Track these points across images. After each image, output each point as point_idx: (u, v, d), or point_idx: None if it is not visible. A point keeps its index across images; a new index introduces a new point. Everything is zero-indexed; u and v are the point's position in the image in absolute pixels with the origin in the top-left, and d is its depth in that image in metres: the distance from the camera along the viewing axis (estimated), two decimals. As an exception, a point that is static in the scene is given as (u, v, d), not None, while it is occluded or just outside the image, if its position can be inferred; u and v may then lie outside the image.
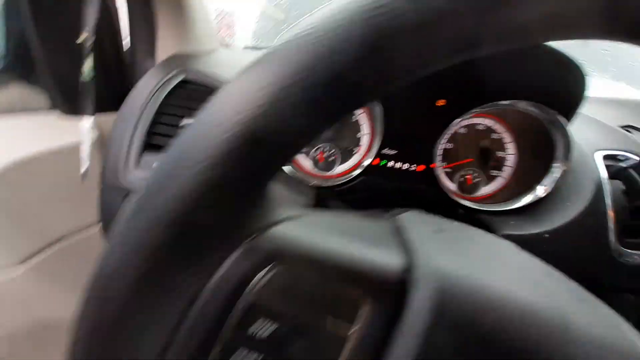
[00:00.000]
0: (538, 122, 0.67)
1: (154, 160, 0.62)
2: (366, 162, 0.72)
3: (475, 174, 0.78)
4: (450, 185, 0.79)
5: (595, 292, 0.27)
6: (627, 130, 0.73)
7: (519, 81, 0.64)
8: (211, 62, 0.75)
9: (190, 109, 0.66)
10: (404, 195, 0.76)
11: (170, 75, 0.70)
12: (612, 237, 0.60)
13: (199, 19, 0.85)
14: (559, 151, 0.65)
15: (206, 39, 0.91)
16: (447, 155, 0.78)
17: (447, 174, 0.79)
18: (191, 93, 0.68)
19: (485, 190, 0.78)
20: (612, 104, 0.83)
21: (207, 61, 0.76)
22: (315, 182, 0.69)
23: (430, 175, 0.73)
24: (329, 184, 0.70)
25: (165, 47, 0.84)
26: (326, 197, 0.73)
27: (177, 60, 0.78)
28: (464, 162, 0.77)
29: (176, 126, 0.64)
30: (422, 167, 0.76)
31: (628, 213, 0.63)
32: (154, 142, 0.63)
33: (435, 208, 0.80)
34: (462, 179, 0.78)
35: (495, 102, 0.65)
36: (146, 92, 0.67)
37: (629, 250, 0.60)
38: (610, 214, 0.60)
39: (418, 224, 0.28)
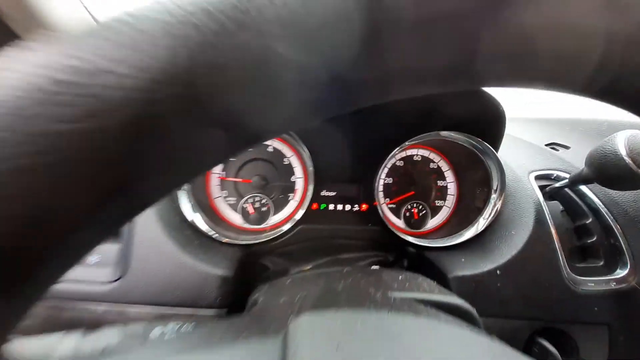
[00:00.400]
0: (471, 153, 0.66)
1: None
2: (304, 208, 0.64)
3: (420, 207, 0.74)
4: (397, 222, 0.74)
5: (559, 327, 0.22)
6: (553, 148, 0.75)
7: (444, 112, 0.63)
8: None
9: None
10: (348, 239, 0.69)
11: None
12: (562, 263, 0.56)
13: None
14: (494, 181, 0.63)
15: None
16: (388, 191, 0.74)
17: (391, 210, 0.74)
18: None
19: (433, 222, 0.74)
20: (535, 123, 0.86)
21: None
22: (244, 239, 0.60)
23: (374, 214, 0.67)
24: (263, 239, 0.61)
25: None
26: (260, 255, 0.64)
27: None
28: (407, 195, 0.73)
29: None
30: (365, 207, 0.70)
31: (573, 234, 0.61)
32: None
33: (383, 249, 0.75)
34: (407, 213, 0.74)
35: (425, 134, 0.63)
36: None
37: (582, 278, 0.56)
38: (555, 237, 0.58)
39: (310, 342, 0.20)
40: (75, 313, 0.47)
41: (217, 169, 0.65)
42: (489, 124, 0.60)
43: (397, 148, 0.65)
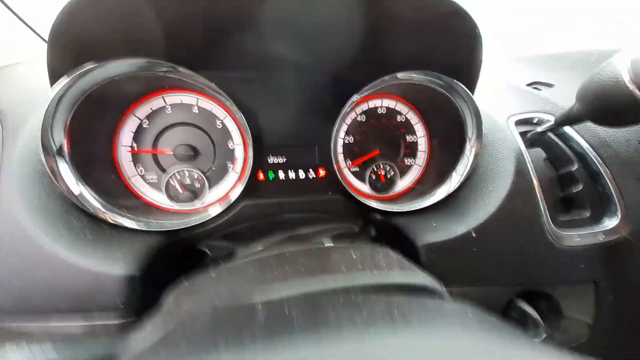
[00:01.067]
0: (441, 97, 0.55)
1: None
2: (244, 180, 0.52)
3: (388, 168, 0.63)
4: (362, 187, 0.63)
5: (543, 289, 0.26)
6: (535, 88, 0.65)
7: (409, 49, 0.51)
8: None
9: None
10: (305, 211, 0.58)
11: None
12: (545, 218, 0.49)
13: None
14: (470, 131, 0.53)
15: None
16: (350, 153, 0.63)
17: (355, 174, 0.63)
18: None
19: (402, 184, 0.64)
20: (514, 62, 0.75)
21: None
22: (169, 225, 0.48)
23: (334, 181, 0.56)
24: (194, 222, 0.49)
25: None
26: (194, 240, 0.52)
27: None
28: (371, 155, 0.62)
29: None
30: (323, 172, 0.59)
31: (556, 184, 0.53)
32: None
33: (346, 219, 0.65)
34: (373, 176, 0.63)
35: (386, 77, 0.51)
36: None
37: (565, 232, 0.49)
38: (537, 188, 0.50)
39: None
40: None
41: (126, 141, 0.51)
42: (463, 55, 0.48)
43: (354, 96, 0.52)
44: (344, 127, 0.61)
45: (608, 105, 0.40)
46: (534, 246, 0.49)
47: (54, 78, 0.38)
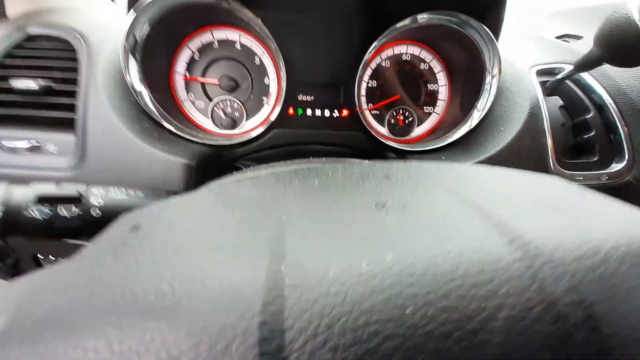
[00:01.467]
0: (463, 39, 0.58)
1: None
2: (276, 113, 0.60)
3: (407, 113, 0.68)
4: (381, 129, 0.69)
5: None
6: (565, 40, 0.65)
7: None
8: (68, 15, 0.60)
9: (33, 68, 0.52)
10: (327, 144, 0.65)
11: (11, 30, 0.55)
12: (550, 158, 0.52)
13: None
14: (489, 63, 0.56)
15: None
16: (372, 96, 0.68)
17: (375, 116, 0.69)
18: (35, 49, 0.53)
19: (419, 130, 0.69)
20: (545, 17, 0.75)
21: (64, 14, 0.60)
22: (215, 140, 0.57)
23: (356, 121, 0.63)
24: (232, 141, 0.58)
25: (17, 6, 0.66)
26: (233, 158, 0.62)
27: (27, 17, 0.62)
28: (392, 100, 0.67)
29: (12, 91, 0.49)
30: (346, 112, 0.65)
31: (569, 131, 0.56)
32: None
33: (363, 156, 0.71)
34: (392, 120, 0.68)
35: (395, 26, 0.55)
36: None
37: (569, 172, 0.53)
38: (548, 132, 0.53)
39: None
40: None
41: (180, 69, 0.60)
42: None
43: (376, 41, 0.57)
44: (369, 72, 0.66)
45: (620, 43, 0.42)
46: None
47: (131, 3, 0.47)
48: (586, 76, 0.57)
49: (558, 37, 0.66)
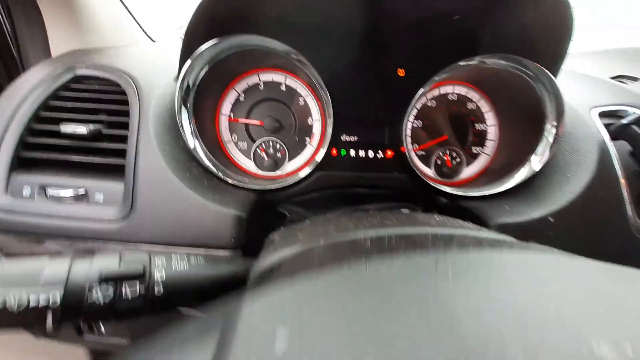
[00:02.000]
0: (518, 81, 0.55)
1: (26, 183, 0.46)
2: (321, 154, 0.57)
3: (454, 154, 0.65)
4: (427, 171, 0.66)
5: None
6: (620, 81, 0.62)
7: (487, 32, 0.52)
8: (114, 55, 0.60)
9: (81, 111, 0.51)
10: (372, 188, 0.62)
11: (58, 71, 0.55)
12: (629, 210, 0.47)
13: (100, 13, 0.71)
14: (550, 111, 0.53)
15: (116, 33, 0.77)
16: (417, 136, 0.65)
17: (421, 158, 0.66)
18: (84, 91, 0.53)
19: (468, 172, 0.66)
20: (597, 55, 0.73)
21: (110, 54, 0.61)
22: (258, 185, 0.54)
23: (401, 162, 0.60)
24: (277, 185, 0.55)
25: (61, 44, 0.68)
26: (275, 202, 0.58)
27: (72, 55, 0.62)
28: (438, 140, 0.64)
29: (58, 135, 0.48)
30: (390, 153, 0.62)
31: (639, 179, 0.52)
32: (27, 155, 0.47)
33: (410, 199, 0.68)
34: (439, 161, 0.65)
35: (457, 63, 0.52)
36: (23, 91, 0.51)
37: (651, 226, 0.47)
38: (623, 181, 0.48)
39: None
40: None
41: (226, 110, 0.59)
42: (551, 35, 0.48)
43: (426, 84, 0.55)
44: (414, 112, 0.64)
45: None
46: (615, 239, 0.48)
47: (187, 50, 0.47)
48: (656, 120, 0.53)
49: (613, 78, 0.63)
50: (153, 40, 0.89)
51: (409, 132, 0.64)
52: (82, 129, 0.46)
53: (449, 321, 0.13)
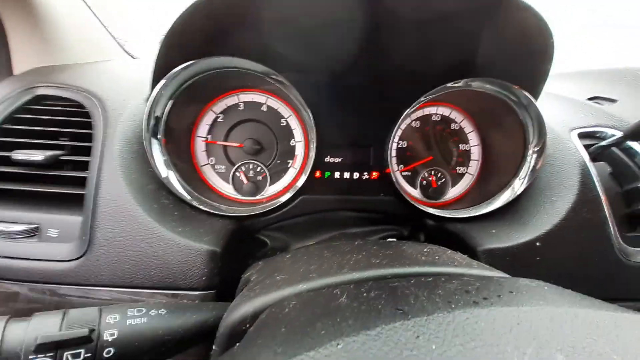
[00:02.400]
0: (500, 104, 0.55)
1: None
2: (304, 178, 0.55)
3: (439, 174, 0.64)
4: (413, 192, 0.64)
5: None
6: (597, 102, 0.64)
7: (470, 56, 0.52)
8: (80, 73, 0.56)
9: (40, 135, 0.46)
10: (357, 211, 0.60)
11: (17, 91, 0.50)
12: (612, 232, 0.47)
13: (70, 30, 0.67)
14: (531, 134, 0.53)
15: (93, 50, 0.73)
16: (402, 157, 0.64)
17: (406, 178, 0.65)
18: (44, 113, 0.49)
19: (453, 192, 0.65)
20: (573, 76, 0.75)
21: (77, 72, 0.57)
22: (236, 212, 0.51)
23: (386, 183, 0.58)
24: (257, 210, 0.52)
25: (30, 61, 0.63)
26: (255, 229, 0.55)
27: (35, 73, 0.58)
28: (424, 161, 0.63)
29: (11, 162, 0.43)
30: (376, 174, 0.61)
31: (622, 200, 0.52)
32: None
33: (396, 222, 0.66)
34: (424, 182, 0.64)
35: (444, 85, 0.52)
36: None
37: (635, 249, 0.47)
38: (605, 202, 0.48)
39: None
40: (34, 294, 0.39)
41: (202, 132, 0.56)
42: (532, 60, 0.48)
43: (412, 105, 0.54)
44: (399, 133, 0.63)
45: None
46: (600, 261, 0.47)
47: (159, 72, 0.44)
48: (631, 142, 0.54)
49: (590, 99, 0.65)
50: (133, 57, 0.85)
51: (394, 153, 0.63)
52: (37, 156, 0.42)
53: None
